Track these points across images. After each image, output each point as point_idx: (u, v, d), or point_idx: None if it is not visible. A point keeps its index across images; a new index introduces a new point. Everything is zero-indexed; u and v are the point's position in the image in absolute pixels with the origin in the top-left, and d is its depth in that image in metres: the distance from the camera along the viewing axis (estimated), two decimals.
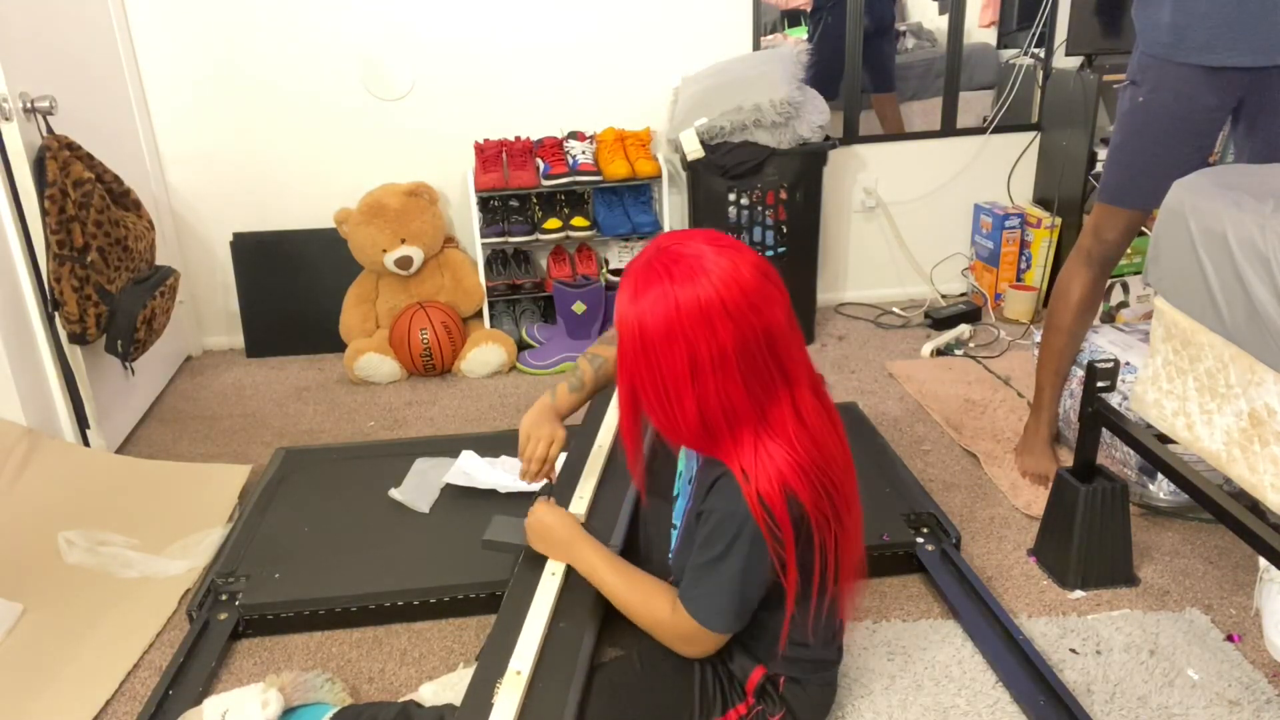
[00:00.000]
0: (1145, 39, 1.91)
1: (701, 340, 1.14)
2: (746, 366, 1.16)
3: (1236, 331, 1.47)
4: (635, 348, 1.19)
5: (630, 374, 1.22)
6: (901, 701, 1.58)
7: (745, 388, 1.17)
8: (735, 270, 1.15)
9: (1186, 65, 1.85)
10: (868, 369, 2.95)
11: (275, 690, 1.49)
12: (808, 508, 1.20)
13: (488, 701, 1.33)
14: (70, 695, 1.66)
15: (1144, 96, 1.93)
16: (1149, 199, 1.97)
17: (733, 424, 1.20)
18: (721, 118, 2.89)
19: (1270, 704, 1.55)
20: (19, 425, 2.24)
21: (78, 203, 2.22)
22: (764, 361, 1.17)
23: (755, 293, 1.15)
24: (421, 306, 2.96)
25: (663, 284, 1.15)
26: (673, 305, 1.14)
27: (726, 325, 1.14)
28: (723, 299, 1.14)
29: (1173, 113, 1.91)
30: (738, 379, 1.16)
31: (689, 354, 1.15)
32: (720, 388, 1.17)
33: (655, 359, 1.17)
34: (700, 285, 1.14)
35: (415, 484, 2.20)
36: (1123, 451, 2.13)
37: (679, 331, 1.15)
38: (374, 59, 3.06)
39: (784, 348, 1.19)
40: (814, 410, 1.23)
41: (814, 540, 1.23)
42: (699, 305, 1.14)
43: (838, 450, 1.26)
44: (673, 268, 1.16)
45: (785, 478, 1.19)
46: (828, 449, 1.23)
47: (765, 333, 1.16)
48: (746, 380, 1.17)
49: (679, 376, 1.17)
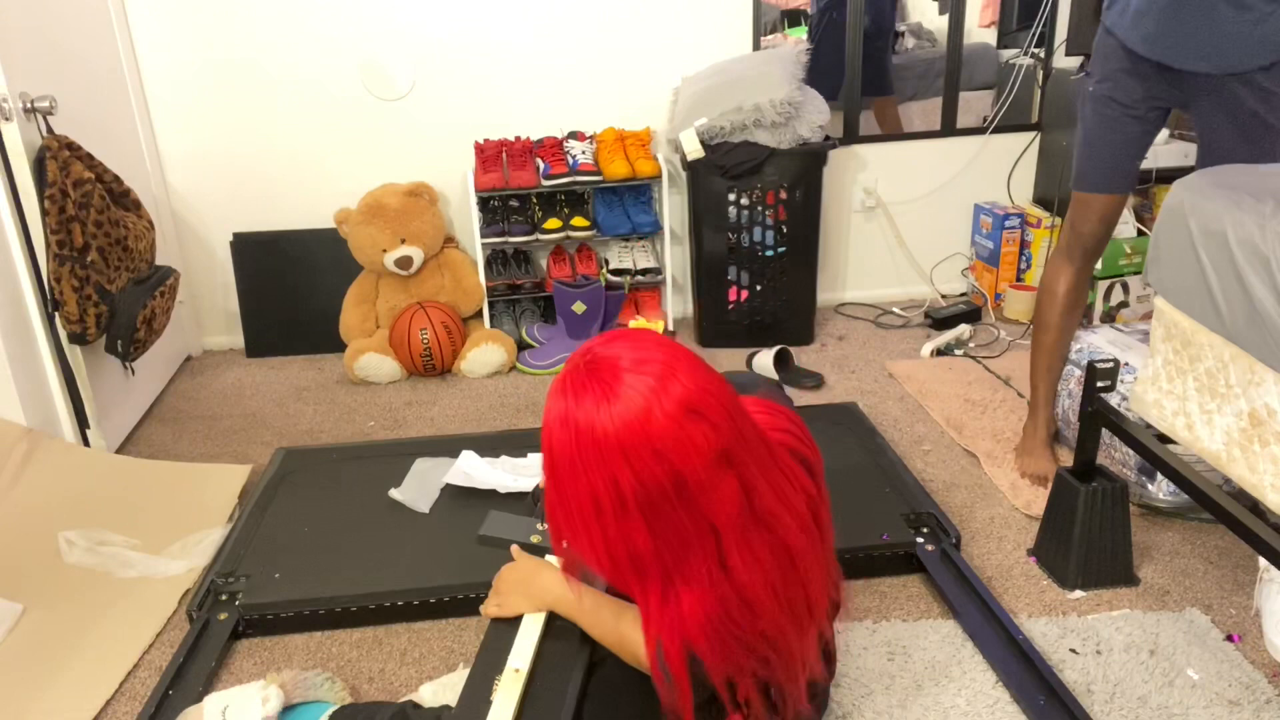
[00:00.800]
0: (1113, 24, 1.93)
1: (600, 479, 1.01)
2: (651, 515, 1.02)
3: (1236, 331, 1.47)
4: (547, 463, 1.07)
5: (548, 487, 1.09)
6: (901, 701, 1.58)
7: (652, 536, 1.04)
8: (645, 406, 0.99)
9: (1128, 50, 1.89)
10: (868, 369, 2.95)
11: (275, 687, 1.50)
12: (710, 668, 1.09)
13: (486, 698, 1.33)
14: (70, 695, 1.66)
15: (1094, 85, 2.00)
16: (1109, 183, 2.05)
17: (640, 570, 1.07)
18: (721, 118, 2.89)
19: (1270, 704, 1.55)
20: (19, 425, 2.24)
21: (78, 203, 2.22)
22: (673, 513, 1.03)
23: (664, 437, 0.99)
24: (421, 306, 2.96)
25: (569, 402, 1.02)
26: (572, 433, 1.01)
27: (624, 470, 1.00)
28: (621, 440, 0.99)
29: (1116, 99, 1.97)
30: (641, 526, 1.03)
31: (590, 490, 1.02)
32: (622, 532, 1.03)
33: (563, 484, 1.05)
34: (599, 416, 1.00)
35: (415, 484, 2.20)
36: (1123, 451, 2.13)
37: (579, 464, 1.02)
38: (374, 59, 3.07)
39: (705, 497, 1.03)
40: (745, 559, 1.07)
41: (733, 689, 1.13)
42: (595, 441, 1.00)
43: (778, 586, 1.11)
44: (584, 388, 1.02)
45: (687, 633, 1.07)
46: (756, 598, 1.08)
47: (675, 482, 1.01)
48: (652, 529, 1.03)
49: (585, 511, 1.04)
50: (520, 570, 1.48)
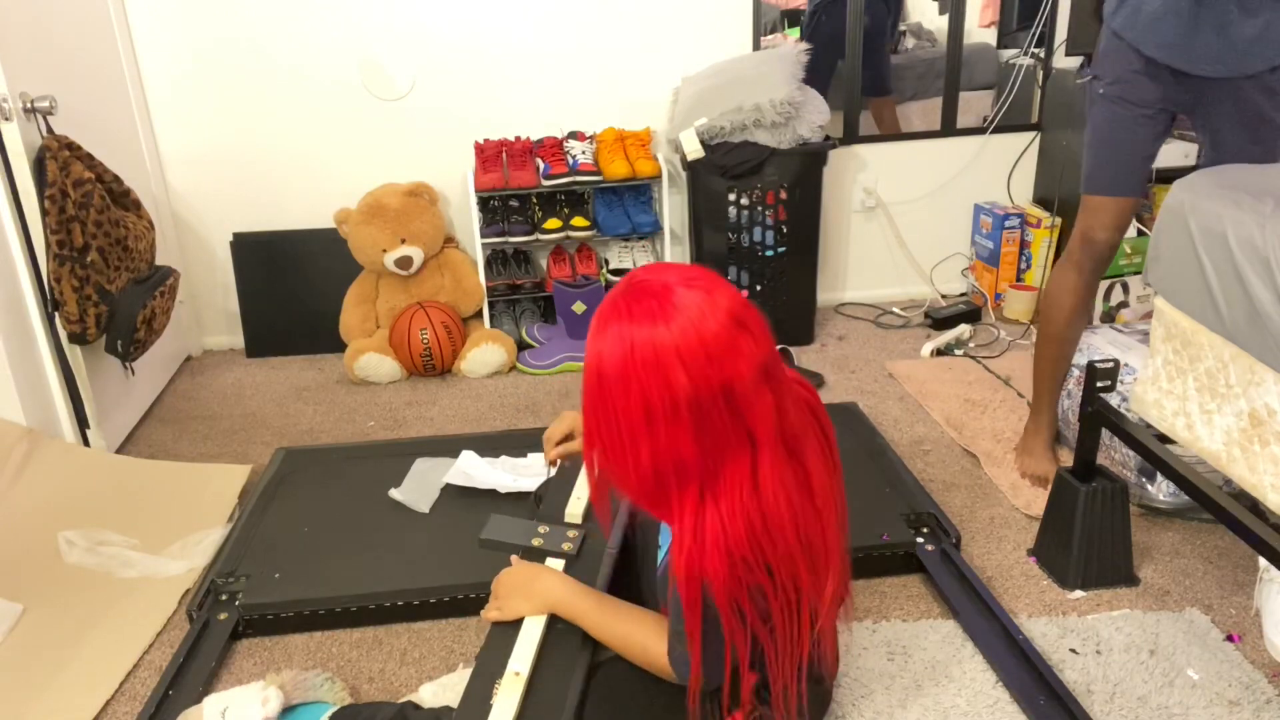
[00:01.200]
0: (1120, 27, 1.93)
1: (654, 387, 1.07)
2: (699, 420, 1.08)
3: (1236, 331, 1.47)
4: (593, 387, 1.12)
5: (589, 416, 1.15)
6: (901, 701, 1.58)
7: (697, 443, 1.09)
8: (699, 316, 1.07)
9: (1137, 52, 1.89)
10: (868, 369, 2.95)
11: (275, 688, 1.49)
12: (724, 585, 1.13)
13: (486, 702, 1.33)
14: (70, 695, 1.66)
15: (1104, 88, 1.99)
16: (1119, 185, 2.03)
17: (681, 479, 1.12)
18: (721, 118, 2.89)
19: (1270, 704, 1.55)
20: (19, 425, 2.24)
21: (78, 203, 2.22)
22: (720, 418, 1.09)
23: (717, 343, 1.07)
24: (421, 306, 2.96)
25: (622, 322, 1.08)
26: (629, 347, 1.07)
27: (680, 375, 1.06)
28: (678, 346, 1.06)
29: (1128, 101, 1.96)
30: (689, 432, 1.09)
31: (643, 400, 1.08)
32: (671, 439, 1.09)
33: (612, 401, 1.10)
34: (658, 328, 1.07)
35: (415, 484, 2.20)
36: (1123, 451, 2.13)
37: (633, 374, 1.07)
38: (374, 59, 3.07)
39: (748, 405, 1.10)
40: (774, 477, 1.13)
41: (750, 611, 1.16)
42: (653, 349, 1.06)
43: (800, 516, 1.16)
44: (635, 305, 1.09)
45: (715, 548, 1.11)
46: (778, 522, 1.13)
47: (724, 388, 1.08)
48: (698, 435, 1.09)
49: (634, 423, 1.10)
50: (519, 573, 1.49)
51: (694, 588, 1.14)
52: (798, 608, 1.18)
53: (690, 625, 1.18)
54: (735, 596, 1.14)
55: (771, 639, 1.19)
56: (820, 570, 1.21)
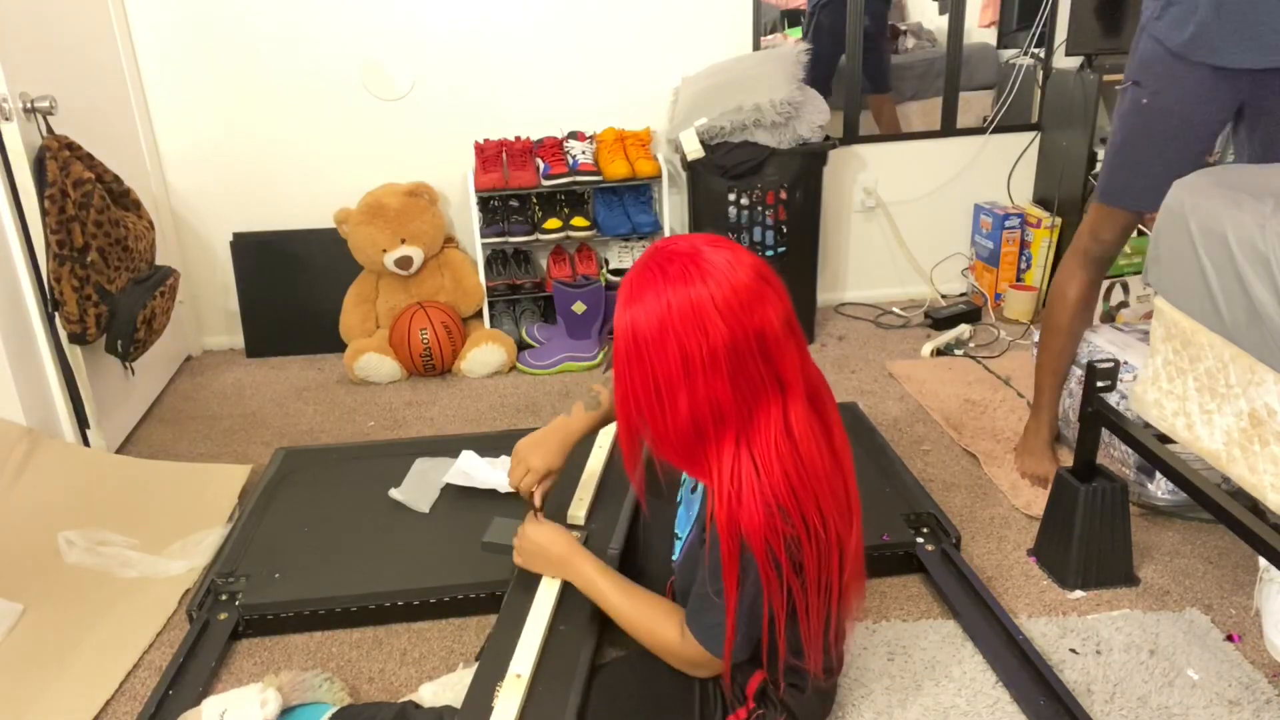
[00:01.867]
0: (1164, 35, 1.88)
1: (692, 339, 1.13)
2: (736, 367, 1.14)
3: (1236, 331, 1.47)
4: (629, 350, 1.17)
5: (624, 378, 1.20)
6: (901, 701, 1.58)
7: (734, 389, 1.15)
8: (729, 269, 1.14)
9: (1199, 65, 1.84)
10: (868, 369, 2.95)
11: (274, 689, 1.49)
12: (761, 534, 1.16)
13: (488, 704, 1.33)
14: (70, 695, 1.67)
15: (1148, 98, 1.92)
16: (1148, 200, 1.94)
17: (718, 427, 1.17)
18: (721, 118, 2.89)
19: (1270, 704, 1.55)
20: (19, 425, 2.24)
21: (78, 203, 2.22)
22: (754, 364, 1.15)
23: (748, 292, 1.14)
24: (421, 306, 2.96)
25: (656, 284, 1.15)
26: (665, 304, 1.13)
27: (717, 324, 1.12)
28: (714, 298, 1.12)
29: (1178, 114, 1.90)
30: (726, 380, 1.14)
31: (681, 353, 1.13)
32: (709, 388, 1.15)
33: (648, 360, 1.16)
34: (693, 284, 1.13)
35: (415, 484, 2.20)
36: (1122, 451, 2.13)
37: (671, 330, 1.13)
38: (374, 59, 3.06)
39: (778, 352, 1.16)
40: (805, 422, 1.19)
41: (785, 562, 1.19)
42: (690, 303, 1.13)
43: (827, 465, 1.21)
44: (667, 266, 1.15)
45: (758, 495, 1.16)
46: (812, 465, 1.19)
47: (758, 334, 1.14)
48: (735, 382, 1.15)
49: (672, 376, 1.15)
50: (545, 536, 1.52)
51: (734, 539, 1.17)
52: (828, 557, 1.21)
53: (728, 580, 1.20)
54: (772, 545, 1.17)
55: (804, 592, 1.21)
56: (845, 519, 1.25)
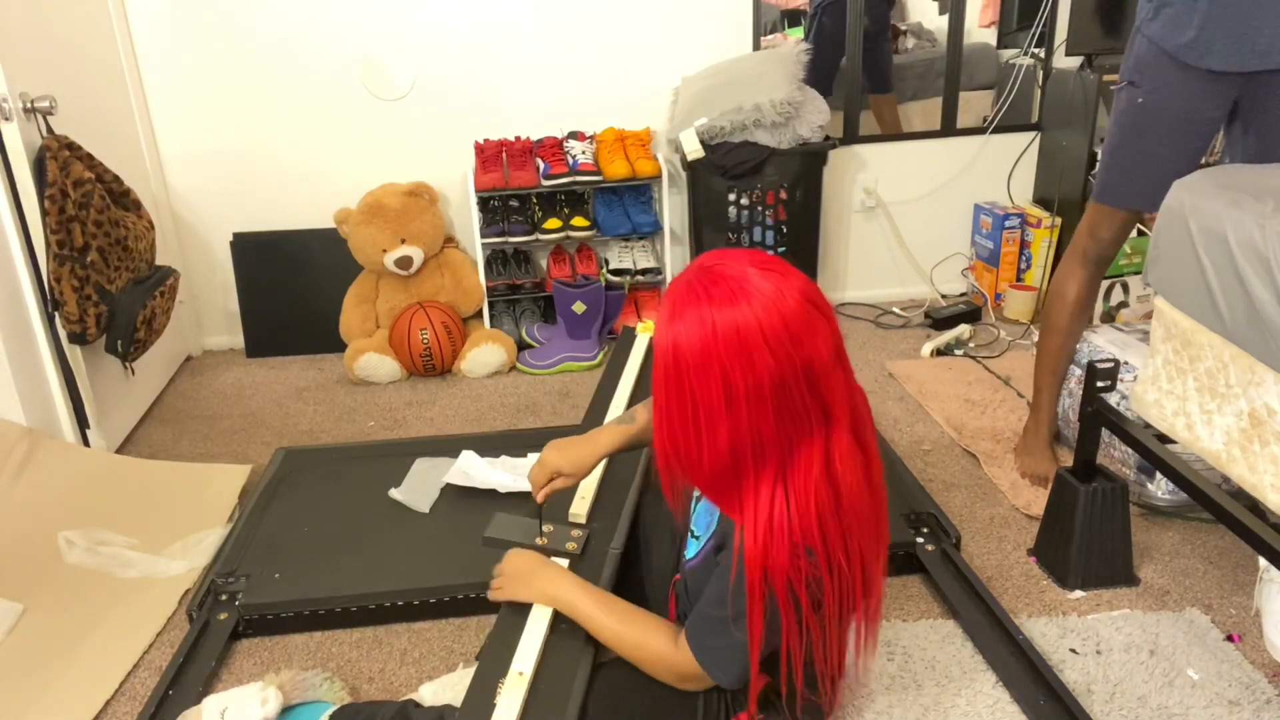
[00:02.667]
0: (1158, 36, 1.88)
1: (737, 369, 1.07)
2: (781, 401, 1.09)
3: (1236, 331, 1.47)
4: (669, 371, 1.11)
5: (662, 402, 1.14)
6: (901, 701, 1.58)
7: (777, 424, 1.10)
8: (779, 296, 1.07)
9: (1192, 67, 1.85)
10: (868, 369, 2.95)
11: (274, 688, 1.50)
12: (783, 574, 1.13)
13: (490, 702, 1.33)
14: (70, 695, 1.67)
15: (1144, 97, 1.93)
16: (1146, 200, 1.95)
17: (759, 460, 1.12)
18: (721, 118, 2.89)
19: (1270, 704, 1.55)
20: (19, 425, 2.24)
21: (78, 203, 2.22)
22: (801, 397, 1.09)
23: (798, 323, 1.07)
24: (421, 306, 2.96)
25: (701, 306, 1.08)
26: (710, 329, 1.07)
27: (764, 356, 1.06)
28: (762, 327, 1.06)
29: (1174, 114, 1.90)
30: (770, 413, 1.09)
31: (724, 382, 1.08)
32: (752, 420, 1.09)
33: (689, 385, 1.10)
34: (740, 310, 1.06)
35: (415, 484, 2.20)
36: (1123, 451, 2.13)
37: (715, 357, 1.07)
38: (374, 59, 3.06)
39: (825, 384, 1.11)
40: (848, 456, 1.14)
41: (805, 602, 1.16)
42: (737, 332, 1.06)
43: (865, 499, 1.16)
44: (713, 289, 1.08)
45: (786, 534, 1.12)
46: (851, 504, 1.14)
47: (805, 367, 1.08)
48: (779, 416, 1.09)
49: (713, 405, 1.09)
50: (524, 563, 1.48)
51: (761, 579, 1.13)
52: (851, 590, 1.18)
53: (753, 620, 1.16)
54: (794, 586, 1.13)
55: (822, 629, 1.18)
56: (874, 551, 1.21)
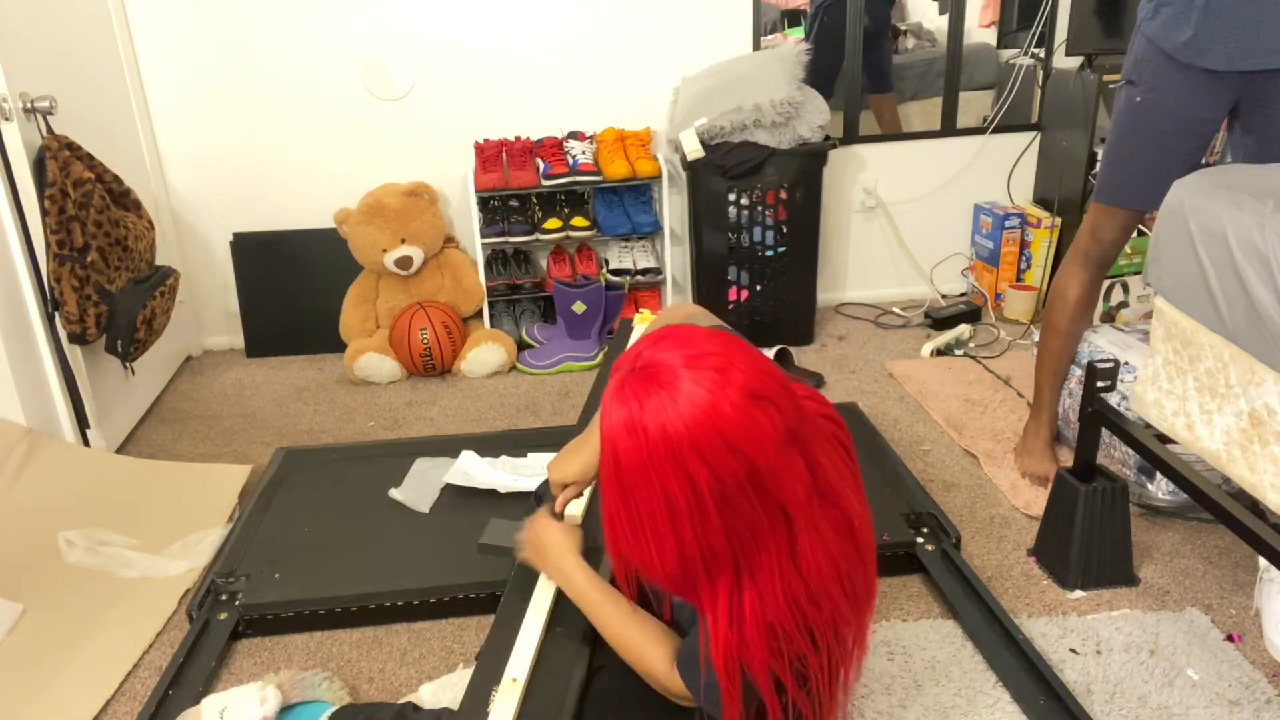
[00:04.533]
0: (1157, 35, 1.88)
1: (673, 481, 1.00)
2: (726, 511, 1.01)
3: (1236, 331, 1.47)
4: (610, 475, 1.05)
5: (609, 504, 1.08)
6: (901, 701, 1.58)
7: (726, 533, 1.03)
8: (711, 404, 0.98)
9: (1190, 67, 1.85)
10: (868, 369, 2.95)
11: (273, 688, 1.50)
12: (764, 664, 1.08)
13: (484, 709, 1.33)
14: (70, 695, 1.67)
15: (1142, 96, 1.93)
16: (1146, 199, 1.95)
17: (711, 570, 1.05)
18: (721, 118, 2.89)
19: (1270, 704, 1.55)
20: (19, 425, 2.24)
21: (78, 203, 2.22)
22: (749, 504, 1.02)
23: (736, 429, 0.98)
24: (421, 306, 2.96)
25: (631, 408, 1.00)
26: (642, 439, 1.00)
27: (701, 470, 0.99)
28: (694, 439, 0.98)
29: (1172, 113, 1.90)
30: (717, 523, 1.02)
31: (664, 494, 1.01)
32: (698, 533, 1.02)
33: (631, 494, 1.03)
34: (668, 418, 0.98)
35: (415, 484, 2.20)
36: (1123, 451, 2.13)
37: (652, 469, 1.00)
38: (374, 59, 3.06)
39: (775, 482, 1.02)
40: (814, 546, 1.07)
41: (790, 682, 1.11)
42: (667, 442, 0.98)
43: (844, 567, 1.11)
44: (643, 393, 1.00)
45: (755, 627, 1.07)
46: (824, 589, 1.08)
47: (749, 474, 1.00)
48: (728, 525, 1.02)
49: (656, 518, 1.03)
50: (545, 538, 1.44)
51: (734, 673, 1.09)
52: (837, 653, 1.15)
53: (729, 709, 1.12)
54: (776, 671, 1.10)
55: (809, 700, 1.15)
56: (862, 609, 1.18)
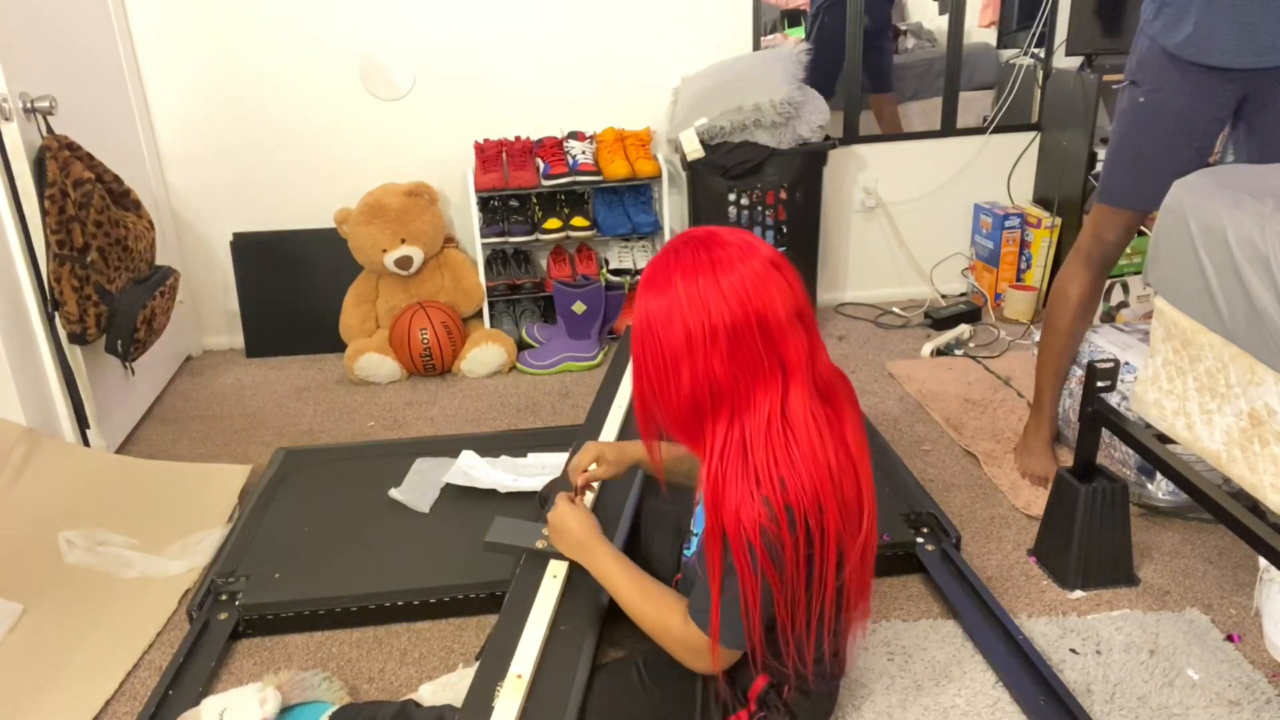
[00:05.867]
0: (1159, 35, 1.88)
1: (695, 316, 1.17)
2: (735, 345, 1.17)
3: (1236, 331, 1.47)
4: (641, 329, 1.22)
5: (638, 357, 1.24)
6: (901, 701, 1.58)
7: (731, 366, 1.18)
8: (739, 255, 1.18)
9: (1193, 65, 1.85)
10: (868, 369, 2.95)
11: (273, 688, 1.50)
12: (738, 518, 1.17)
13: (488, 704, 1.33)
14: (70, 695, 1.66)
15: (1145, 96, 1.92)
16: (1149, 200, 1.95)
17: (715, 403, 1.20)
18: (721, 118, 2.89)
19: (1270, 704, 1.55)
20: (19, 425, 2.24)
21: (78, 203, 2.22)
22: (754, 345, 1.18)
23: (754, 276, 1.17)
24: (421, 306, 2.96)
25: (669, 266, 1.20)
26: (674, 284, 1.18)
27: (719, 302, 1.16)
28: (719, 276, 1.17)
29: (1174, 113, 1.90)
30: (724, 356, 1.17)
31: (684, 329, 1.18)
32: (708, 363, 1.18)
33: (658, 337, 1.20)
34: (702, 264, 1.18)
35: (415, 484, 2.20)
36: (1123, 451, 2.13)
37: (677, 310, 1.18)
38: (374, 59, 3.06)
39: (781, 337, 1.18)
40: (805, 409, 1.19)
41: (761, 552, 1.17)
42: (697, 287, 1.17)
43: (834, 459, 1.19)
44: (681, 249, 1.20)
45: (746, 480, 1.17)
46: (809, 452, 1.18)
47: (759, 316, 1.17)
48: (733, 359, 1.17)
49: (676, 352, 1.19)
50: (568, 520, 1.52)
51: (717, 522, 1.20)
52: (821, 550, 1.20)
53: (711, 563, 1.22)
54: (746, 530, 1.17)
55: (783, 584, 1.20)
56: (852, 517, 1.23)
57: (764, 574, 1.18)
